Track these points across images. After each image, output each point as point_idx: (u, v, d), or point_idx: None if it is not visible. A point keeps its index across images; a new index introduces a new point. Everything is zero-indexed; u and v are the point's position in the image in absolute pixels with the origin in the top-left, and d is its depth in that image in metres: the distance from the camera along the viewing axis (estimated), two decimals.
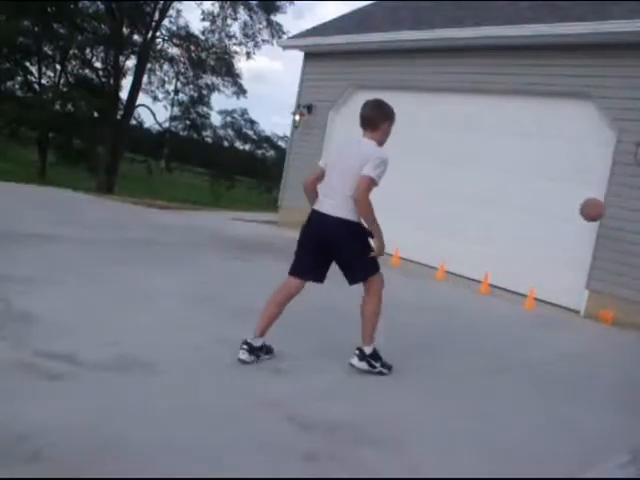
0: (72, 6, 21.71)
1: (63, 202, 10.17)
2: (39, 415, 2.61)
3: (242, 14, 24.07)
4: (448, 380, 4.04)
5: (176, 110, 30.43)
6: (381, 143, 3.77)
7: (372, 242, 3.69)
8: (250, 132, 36.24)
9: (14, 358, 3.16)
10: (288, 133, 12.72)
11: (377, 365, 3.78)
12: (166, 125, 29.86)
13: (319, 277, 3.77)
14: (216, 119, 50.18)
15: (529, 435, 3.30)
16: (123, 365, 3.30)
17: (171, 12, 23.92)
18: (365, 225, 3.67)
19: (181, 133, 32.10)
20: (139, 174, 28.24)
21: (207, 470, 2.39)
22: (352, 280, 3.75)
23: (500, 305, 7.04)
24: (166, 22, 24.07)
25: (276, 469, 2.50)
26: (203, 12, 24.28)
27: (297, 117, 10.92)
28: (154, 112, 26.99)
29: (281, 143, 33.90)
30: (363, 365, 3.76)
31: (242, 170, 33.63)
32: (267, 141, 36.69)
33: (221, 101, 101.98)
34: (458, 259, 8.13)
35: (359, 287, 3.76)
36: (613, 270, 6.75)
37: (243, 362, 3.61)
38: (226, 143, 35.50)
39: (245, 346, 3.64)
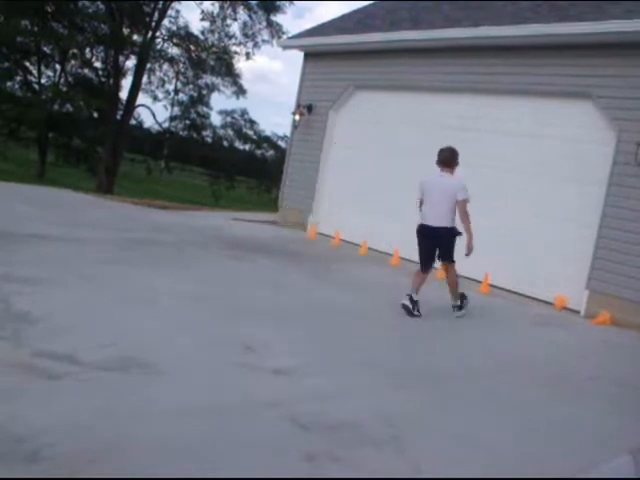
0: (72, 6, 21.71)
1: (63, 202, 10.16)
2: (39, 415, 2.61)
3: (242, 14, 24.12)
4: (448, 380, 4.05)
5: (176, 110, 30.50)
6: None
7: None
8: (250, 132, 36.32)
9: (14, 358, 3.16)
10: (288, 133, 12.72)
11: (463, 308, 5.97)
12: (166, 125, 29.90)
13: None
14: (216, 119, 50.22)
15: (529, 435, 3.30)
16: (123, 365, 3.30)
17: (170, 12, 23.98)
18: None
19: (181, 133, 32.11)
20: (139, 174, 28.26)
21: (207, 470, 2.40)
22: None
23: (500, 305, 7.04)
24: (166, 22, 24.14)
25: (276, 469, 2.50)
26: (203, 12, 24.25)
27: (297, 117, 10.91)
28: (154, 112, 27.08)
29: (281, 143, 33.98)
30: (460, 313, 5.93)
31: (242, 170, 33.64)
32: (267, 141, 36.78)
33: (221, 101, 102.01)
34: (458, 259, 8.11)
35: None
36: (613, 270, 6.75)
37: (406, 307, 5.45)
38: (226, 143, 35.53)
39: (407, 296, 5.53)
